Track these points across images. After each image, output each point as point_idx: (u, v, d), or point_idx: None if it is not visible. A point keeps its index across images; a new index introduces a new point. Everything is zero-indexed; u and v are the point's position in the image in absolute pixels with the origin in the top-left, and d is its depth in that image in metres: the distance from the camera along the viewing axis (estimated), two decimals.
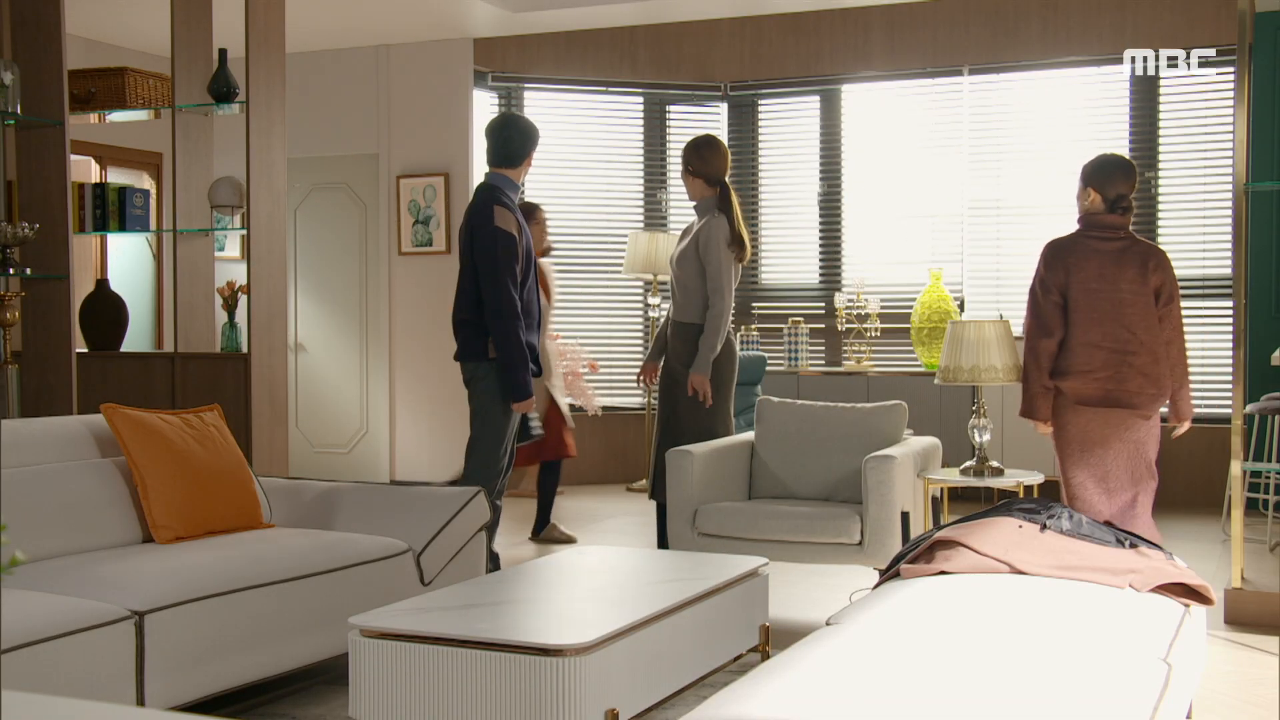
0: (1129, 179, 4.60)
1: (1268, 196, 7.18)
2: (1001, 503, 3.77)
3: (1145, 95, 7.78)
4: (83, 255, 7.60)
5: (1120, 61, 7.57)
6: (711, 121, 8.82)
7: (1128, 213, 4.59)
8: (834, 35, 8.41)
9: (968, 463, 4.95)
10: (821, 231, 8.61)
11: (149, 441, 3.92)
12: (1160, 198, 7.75)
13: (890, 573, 3.51)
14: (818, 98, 8.59)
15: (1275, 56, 7.23)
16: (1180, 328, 4.59)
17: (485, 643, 2.99)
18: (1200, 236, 7.69)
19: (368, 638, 3.11)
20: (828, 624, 2.95)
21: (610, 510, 7.59)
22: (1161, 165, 7.76)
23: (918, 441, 5.15)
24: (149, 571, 3.43)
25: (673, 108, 8.86)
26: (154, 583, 3.36)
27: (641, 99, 8.83)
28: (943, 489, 5.17)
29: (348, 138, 8.78)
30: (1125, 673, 2.52)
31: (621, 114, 8.85)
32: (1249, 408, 5.95)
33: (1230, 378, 6.40)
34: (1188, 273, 7.52)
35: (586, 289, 8.74)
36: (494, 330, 4.93)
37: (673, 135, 8.81)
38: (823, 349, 8.47)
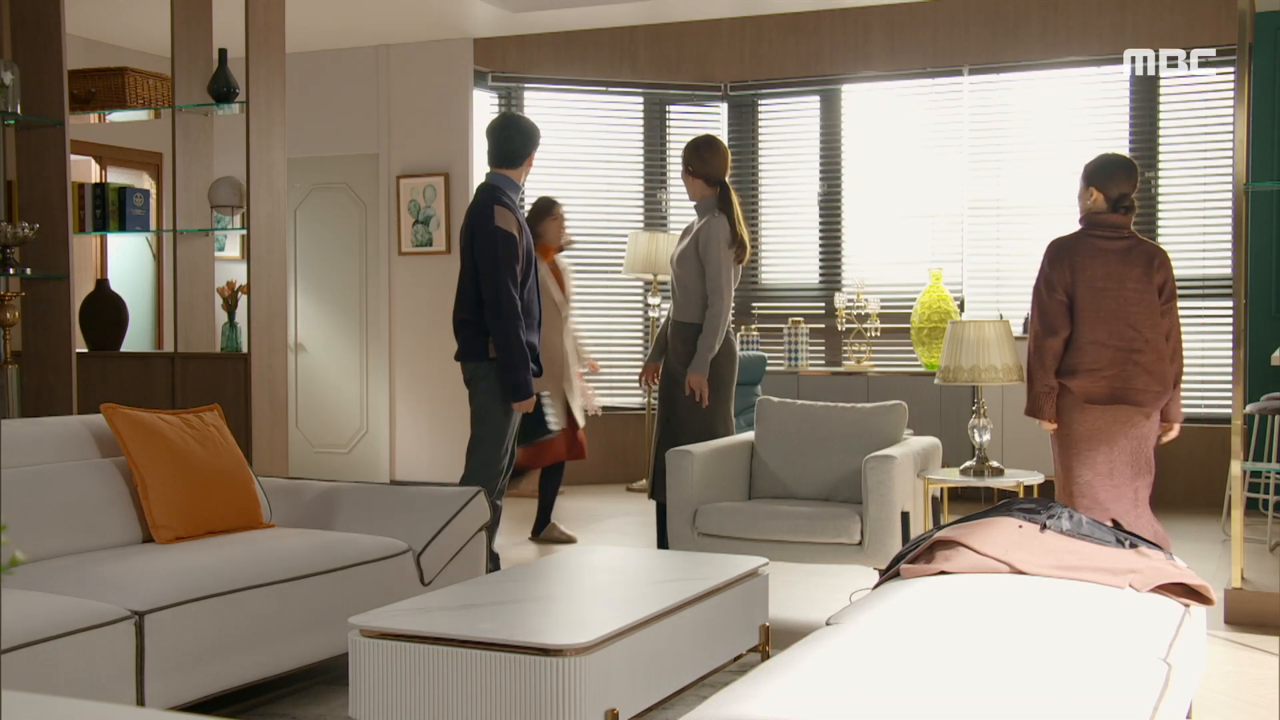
0: (1131, 178, 4.60)
1: (1268, 196, 7.17)
2: (1001, 503, 3.77)
3: (1145, 95, 7.78)
4: (83, 255, 7.60)
5: (1120, 61, 7.56)
6: (711, 121, 8.82)
7: (1130, 212, 4.60)
8: (834, 35, 8.41)
9: (968, 463, 4.96)
10: (821, 231, 8.60)
11: (149, 441, 3.92)
12: (1160, 198, 7.75)
13: (890, 573, 3.50)
14: (818, 98, 8.59)
15: (1275, 56, 7.23)
16: (1178, 326, 4.60)
17: (485, 643, 2.99)
18: (1200, 236, 7.69)
19: (368, 638, 3.11)
20: (828, 624, 2.95)
21: (610, 510, 7.59)
22: (1161, 165, 7.75)
23: (918, 441, 5.15)
24: (149, 571, 3.43)
25: (673, 108, 8.86)
26: (154, 583, 3.36)
27: (641, 99, 8.83)
28: (943, 489, 5.18)
29: (348, 138, 8.78)
30: (1125, 673, 2.52)
31: (621, 114, 8.84)
32: (1249, 408, 5.94)
33: (1230, 378, 6.40)
34: (1188, 273, 7.52)
35: (587, 289, 8.74)
36: (494, 330, 4.94)
37: (673, 135, 8.81)
38: (823, 349, 8.47)
